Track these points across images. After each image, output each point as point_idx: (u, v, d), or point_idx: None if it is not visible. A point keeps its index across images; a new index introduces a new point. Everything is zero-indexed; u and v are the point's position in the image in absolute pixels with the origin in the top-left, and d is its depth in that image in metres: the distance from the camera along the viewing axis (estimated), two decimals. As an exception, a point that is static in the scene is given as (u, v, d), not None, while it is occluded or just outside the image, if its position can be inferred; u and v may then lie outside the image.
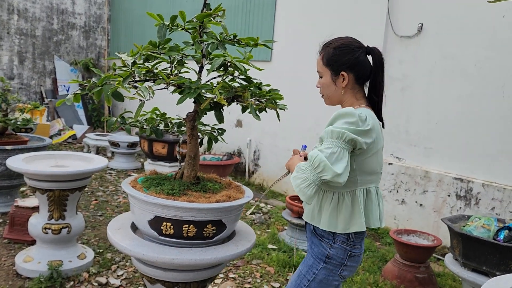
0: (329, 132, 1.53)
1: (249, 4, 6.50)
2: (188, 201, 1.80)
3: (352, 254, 1.71)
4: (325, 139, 1.55)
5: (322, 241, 1.71)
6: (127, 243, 1.85)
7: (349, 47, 1.69)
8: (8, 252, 3.41)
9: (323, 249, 1.70)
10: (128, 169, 6.73)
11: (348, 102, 1.72)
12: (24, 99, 8.96)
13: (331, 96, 1.75)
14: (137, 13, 9.22)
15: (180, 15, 1.89)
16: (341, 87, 1.70)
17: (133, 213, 1.95)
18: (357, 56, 1.68)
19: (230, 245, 1.95)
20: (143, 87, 1.65)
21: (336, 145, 1.50)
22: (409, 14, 4.58)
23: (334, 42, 1.73)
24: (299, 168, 1.56)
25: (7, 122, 4.10)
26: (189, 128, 1.98)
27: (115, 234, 1.93)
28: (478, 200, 4.02)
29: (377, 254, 3.94)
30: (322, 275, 1.71)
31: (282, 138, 6.04)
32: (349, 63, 1.68)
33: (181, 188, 1.90)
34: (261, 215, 4.84)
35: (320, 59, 1.75)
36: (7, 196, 4.34)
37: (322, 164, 1.47)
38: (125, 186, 1.93)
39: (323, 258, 1.70)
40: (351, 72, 1.69)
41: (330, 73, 1.71)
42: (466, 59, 4.17)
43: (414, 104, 4.59)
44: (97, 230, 4.04)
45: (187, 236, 1.83)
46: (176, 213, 1.78)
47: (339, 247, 1.69)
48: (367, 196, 1.70)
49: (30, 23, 9.06)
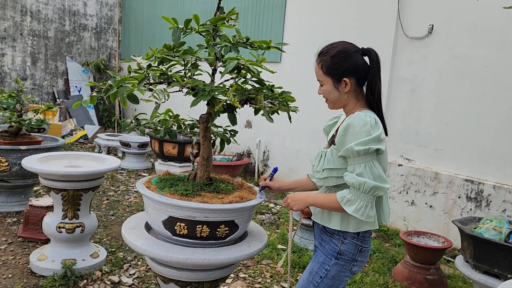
0: (354, 152, 1.59)
1: (260, 5, 6.53)
2: (202, 202, 1.83)
3: (363, 249, 1.76)
4: (351, 158, 1.61)
5: (333, 238, 1.76)
6: (141, 242, 1.88)
7: (346, 53, 1.71)
8: (22, 251, 3.48)
9: (335, 246, 1.75)
10: (138, 169, 6.80)
11: (351, 105, 1.76)
12: (37, 99, 9.09)
13: (335, 101, 1.78)
14: (147, 14, 9.30)
15: (194, 18, 1.92)
16: (344, 93, 1.73)
17: (147, 213, 1.98)
18: (356, 61, 1.71)
19: (243, 246, 1.98)
20: (158, 90, 1.68)
21: (367, 160, 1.59)
22: (419, 15, 4.57)
23: (331, 50, 1.74)
24: (346, 200, 1.62)
25: (21, 123, 4.18)
26: (203, 130, 2.01)
27: (129, 234, 1.96)
28: (489, 202, 4.01)
29: (387, 256, 3.94)
30: (334, 271, 1.75)
31: (291, 139, 6.06)
32: (349, 69, 1.70)
33: (195, 189, 1.93)
34: (270, 216, 4.87)
35: (319, 69, 1.76)
36: (21, 195, 4.41)
37: (373, 188, 1.58)
38: (140, 187, 1.96)
39: (334, 254, 1.75)
40: (352, 77, 1.71)
41: (332, 80, 1.73)
42: (477, 60, 4.16)
43: (424, 105, 4.58)
44: (109, 229, 4.09)
45: (201, 236, 1.86)
46: (189, 214, 1.80)
47: (350, 242, 1.73)
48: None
49: (43, 25, 9.19)
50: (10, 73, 8.87)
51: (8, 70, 8.84)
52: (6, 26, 8.71)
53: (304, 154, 5.88)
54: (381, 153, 1.64)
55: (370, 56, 1.73)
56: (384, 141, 1.64)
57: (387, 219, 1.79)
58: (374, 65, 1.72)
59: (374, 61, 1.72)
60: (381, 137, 1.61)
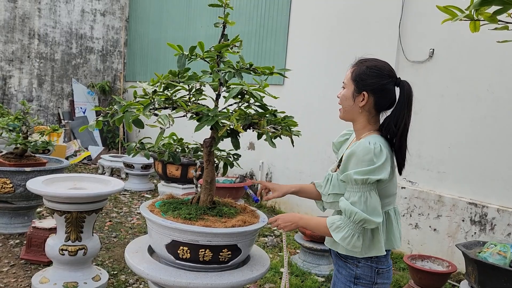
0: (352, 180, 1.58)
1: (263, 30, 6.65)
2: (205, 226, 1.84)
3: (380, 270, 1.72)
4: (349, 185, 1.61)
5: (347, 262, 1.73)
6: (144, 266, 1.89)
7: (380, 71, 1.69)
8: (24, 273, 3.47)
9: (350, 270, 1.73)
10: (142, 190, 6.81)
11: (360, 124, 1.73)
12: (42, 120, 9.18)
13: (347, 110, 1.75)
14: (152, 38, 9.47)
15: (199, 45, 1.97)
16: (358, 106, 1.70)
17: (151, 236, 1.99)
18: (384, 83, 1.68)
19: (245, 270, 1.98)
20: (163, 115, 1.72)
21: (364, 190, 1.57)
22: (420, 39, 4.65)
23: (370, 61, 1.73)
24: (335, 226, 1.62)
25: (27, 145, 4.22)
26: (206, 154, 2.03)
27: (132, 257, 1.97)
28: (493, 226, 3.98)
29: (391, 280, 3.89)
30: None
31: (294, 160, 6.08)
32: (373, 86, 1.67)
33: (198, 212, 1.94)
34: (273, 238, 4.84)
35: (350, 72, 1.74)
36: (24, 217, 4.42)
37: (363, 220, 1.56)
38: (143, 211, 1.97)
39: (352, 279, 1.72)
40: (372, 95, 1.68)
41: (354, 88, 1.71)
42: (478, 83, 4.20)
43: (426, 128, 4.61)
44: (112, 252, 4.08)
45: (203, 261, 1.86)
46: (192, 238, 1.81)
47: (364, 265, 1.70)
48: (387, 220, 1.71)
49: (50, 47, 9.36)
50: (17, 95, 9.00)
51: (14, 91, 8.98)
52: (14, 49, 8.88)
53: (307, 176, 5.88)
54: (385, 181, 1.62)
55: (402, 88, 1.69)
56: (388, 168, 1.61)
57: (398, 244, 1.75)
58: (405, 98, 1.67)
59: (406, 94, 1.68)
60: (382, 166, 1.58)
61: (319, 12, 5.77)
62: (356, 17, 5.27)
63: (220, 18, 2.02)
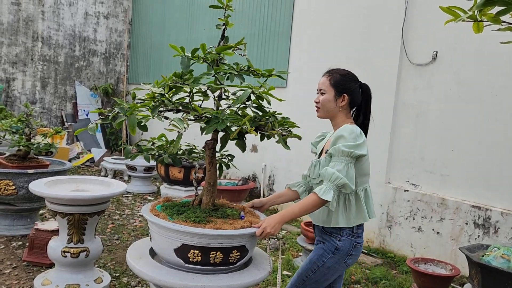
0: (339, 150, 1.94)
1: (266, 32, 6.66)
2: (215, 228, 1.84)
3: (357, 244, 2.09)
4: (336, 156, 1.96)
5: (332, 236, 2.08)
6: (155, 272, 1.84)
7: (352, 77, 2.16)
8: (27, 275, 3.47)
9: (333, 243, 2.07)
10: (144, 192, 6.81)
11: (340, 119, 2.14)
12: (45, 122, 9.21)
13: (328, 111, 2.15)
14: (155, 40, 9.50)
15: (202, 47, 1.97)
16: (339, 106, 2.13)
17: (155, 241, 1.96)
18: (356, 86, 2.15)
19: (253, 270, 2.00)
20: (177, 119, 1.71)
21: (347, 162, 1.94)
22: (423, 42, 4.64)
23: (341, 70, 2.18)
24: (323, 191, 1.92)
25: (29, 147, 4.23)
26: (209, 156, 2.03)
27: (138, 263, 1.93)
28: (497, 229, 3.96)
29: (394, 283, 3.88)
30: (330, 263, 2.07)
31: (296, 163, 6.07)
32: (350, 89, 2.13)
33: (204, 215, 1.94)
34: (275, 241, 4.83)
35: (328, 80, 2.14)
36: (27, 218, 4.43)
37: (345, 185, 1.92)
38: (149, 216, 1.93)
39: (332, 249, 2.07)
40: (349, 96, 2.12)
41: (335, 93, 2.12)
42: (482, 86, 4.19)
43: (429, 131, 4.59)
44: (114, 254, 4.08)
45: (214, 263, 1.86)
46: (204, 240, 1.81)
47: (346, 239, 2.06)
48: (365, 195, 2.10)
49: (53, 50, 9.40)
50: (20, 97, 9.03)
51: (18, 94, 9.01)
52: (18, 52, 8.92)
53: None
54: (363, 157, 2.00)
55: (365, 90, 2.17)
56: (366, 147, 1.99)
57: (373, 215, 2.13)
58: (367, 96, 2.18)
59: (367, 93, 2.18)
60: (362, 144, 1.96)
61: (323, 15, 5.78)
62: (359, 19, 5.27)
63: (220, 20, 2.02)
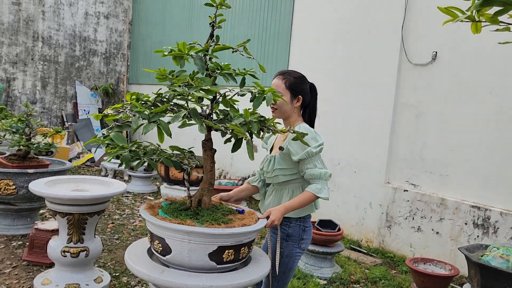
0: (313, 153, 2.13)
1: (266, 33, 6.67)
2: (243, 225, 1.89)
3: (306, 229, 2.27)
4: (311, 157, 2.14)
5: (282, 225, 2.23)
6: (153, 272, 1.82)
7: (303, 80, 2.31)
8: (27, 275, 3.47)
9: (284, 230, 2.23)
10: (144, 192, 6.82)
11: (293, 118, 2.29)
12: (45, 122, 9.22)
13: (284, 112, 2.27)
14: (155, 40, 9.51)
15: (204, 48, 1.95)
16: (294, 107, 2.28)
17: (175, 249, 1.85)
18: (307, 88, 2.32)
19: (263, 261, 2.04)
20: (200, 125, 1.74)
21: (319, 157, 2.19)
22: (423, 42, 4.64)
23: (293, 73, 2.31)
24: (318, 190, 2.12)
25: (30, 146, 4.24)
26: (210, 156, 2.03)
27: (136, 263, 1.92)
28: (496, 229, 3.96)
29: (393, 283, 3.88)
30: (287, 251, 2.22)
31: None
32: (303, 91, 2.29)
33: (218, 215, 1.97)
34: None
35: (283, 83, 2.26)
36: (27, 218, 4.43)
37: (330, 175, 2.20)
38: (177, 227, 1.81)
39: (284, 237, 2.23)
40: (302, 97, 2.28)
41: (290, 95, 2.25)
42: (481, 86, 4.19)
43: (429, 131, 4.60)
44: (114, 254, 4.08)
45: (241, 258, 1.93)
46: (238, 239, 1.86)
47: (295, 225, 2.24)
48: None
49: (54, 50, 9.41)
50: (20, 97, 9.05)
51: (18, 94, 9.02)
52: (18, 51, 8.93)
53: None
54: None
55: (313, 90, 2.35)
56: None
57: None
58: (315, 96, 2.37)
59: (315, 93, 2.36)
60: (322, 143, 2.17)
61: (322, 16, 5.78)
62: (359, 20, 5.28)
63: (210, 18, 1.99)
